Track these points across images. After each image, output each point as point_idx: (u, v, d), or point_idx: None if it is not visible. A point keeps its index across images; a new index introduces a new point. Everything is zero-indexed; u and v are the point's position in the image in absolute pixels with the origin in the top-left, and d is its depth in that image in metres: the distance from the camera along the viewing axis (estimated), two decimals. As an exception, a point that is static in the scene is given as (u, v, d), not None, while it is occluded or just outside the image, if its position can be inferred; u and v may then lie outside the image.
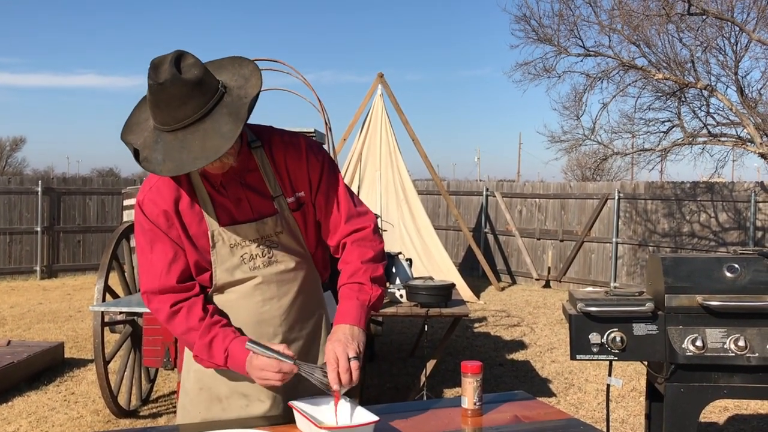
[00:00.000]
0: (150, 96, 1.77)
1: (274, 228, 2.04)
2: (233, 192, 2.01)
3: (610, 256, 12.10)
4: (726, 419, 5.39)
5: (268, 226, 2.04)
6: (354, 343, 1.91)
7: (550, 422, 2.04)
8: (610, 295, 3.12)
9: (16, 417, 5.26)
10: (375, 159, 11.30)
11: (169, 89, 1.74)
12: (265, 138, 2.06)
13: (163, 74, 1.74)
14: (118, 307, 5.06)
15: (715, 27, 8.63)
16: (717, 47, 8.88)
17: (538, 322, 9.42)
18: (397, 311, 5.10)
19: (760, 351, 2.91)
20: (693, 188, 11.24)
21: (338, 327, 1.97)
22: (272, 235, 2.05)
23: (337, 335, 1.94)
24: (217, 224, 2.00)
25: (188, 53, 1.82)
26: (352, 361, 1.87)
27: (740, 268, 2.99)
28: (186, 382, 2.16)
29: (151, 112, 1.81)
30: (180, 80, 1.74)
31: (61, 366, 6.69)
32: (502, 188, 14.55)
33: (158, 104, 1.76)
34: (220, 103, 1.81)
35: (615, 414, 5.48)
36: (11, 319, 9.14)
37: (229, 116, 1.79)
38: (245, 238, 2.02)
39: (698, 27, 8.65)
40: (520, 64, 10.27)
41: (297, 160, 2.07)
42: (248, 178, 2.02)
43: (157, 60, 1.78)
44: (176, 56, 1.78)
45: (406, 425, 1.98)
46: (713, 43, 8.79)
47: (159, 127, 1.80)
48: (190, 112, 1.77)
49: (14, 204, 13.13)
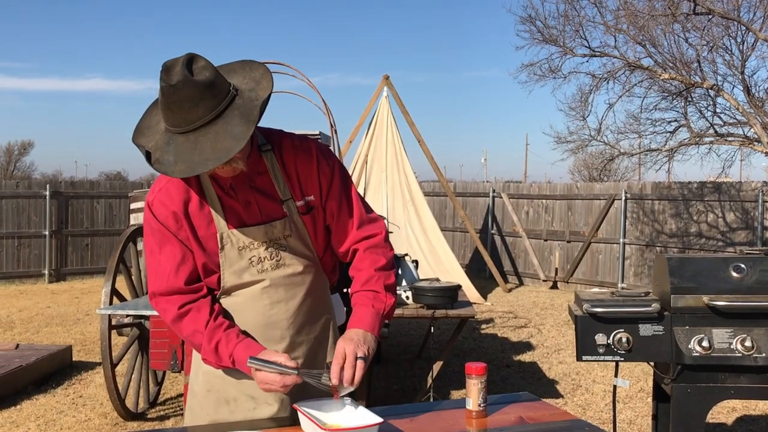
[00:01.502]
0: (162, 98, 1.78)
1: (282, 231, 2.05)
2: (242, 195, 2.02)
3: (617, 257, 12.07)
4: (734, 420, 5.37)
5: (276, 229, 2.04)
6: (364, 346, 1.93)
7: (555, 423, 2.04)
8: (615, 295, 3.11)
9: (25, 420, 5.28)
10: (381, 161, 11.30)
11: (181, 91, 1.75)
12: (275, 141, 2.07)
13: (175, 76, 1.76)
14: (126, 310, 5.08)
15: (722, 26, 8.59)
16: (723, 47, 8.84)
17: (546, 324, 9.40)
18: (404, 313, 5.10)
19: (767, 351, 2.89)
20: (700, 188, 11.20)
21: (352, 330, 1.98)
22: (281, 239, 2.05)
23: (349, 335, 1.96)
24: (226, 227, 2.01)
25: (200, 56, 1.84)
26: (359, 361, 1.88)
27: (747, 268, 2.98)
28: (194, 384, 2.16)
29: (162, 115, 1.82)
30: (192, 82, 1.75)
31: (69, 369, 6.71)
32: (508, 189, 14.54)
33: (170, 106, 1.78)
34: (232, 105, 1.82)
35: (622, 415, 5.47)
36: (20, 323, 9.18)
37: (241, 118, 1.80)
38: (254, 240, 2.02)
39: (704, 26, 8.62)
40: (525, 65, 10.25)
41: (308, 164, 2.07)
42: (258, 181, 2.03)
43: (169, 62, 1.79)
44: (188, 59, 1.80)
45: (411, 426, 1.98)
46: (719, 42, 8.75)
47: (171, 129, 1.81)
48: (201, 114, 1.78)
49: (23, 208, 13.19)
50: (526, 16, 9.84)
